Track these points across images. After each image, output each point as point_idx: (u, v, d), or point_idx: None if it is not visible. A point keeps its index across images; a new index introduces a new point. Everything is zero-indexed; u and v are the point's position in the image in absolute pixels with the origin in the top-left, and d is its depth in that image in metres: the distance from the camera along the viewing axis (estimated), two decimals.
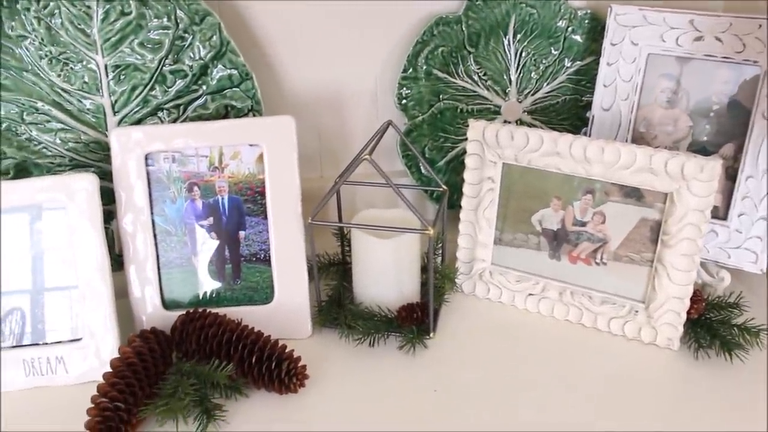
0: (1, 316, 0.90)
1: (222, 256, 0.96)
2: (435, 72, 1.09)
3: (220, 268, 0.96)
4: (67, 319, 0.90)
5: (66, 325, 0.90)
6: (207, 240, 0.95)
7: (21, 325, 0.90)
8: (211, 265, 0.96)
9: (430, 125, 1.12)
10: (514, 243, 1.01)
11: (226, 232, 0.96)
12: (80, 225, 0.89)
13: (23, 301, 0.90)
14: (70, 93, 0.99)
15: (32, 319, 0.90)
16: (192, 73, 0.99)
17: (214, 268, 0.96)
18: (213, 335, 0.87)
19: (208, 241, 0.95)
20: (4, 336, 0.90)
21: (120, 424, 0.79)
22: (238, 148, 0.93)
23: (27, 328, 0.90)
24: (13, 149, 1.00)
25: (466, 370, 0.90)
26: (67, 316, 0.90)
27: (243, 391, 0.87)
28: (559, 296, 0.99)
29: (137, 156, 0.92)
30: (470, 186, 1.01)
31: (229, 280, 0.97)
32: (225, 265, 0.96)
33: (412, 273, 0.98)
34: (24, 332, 0.90)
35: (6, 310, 0.90)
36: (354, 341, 0.95)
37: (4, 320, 0.90)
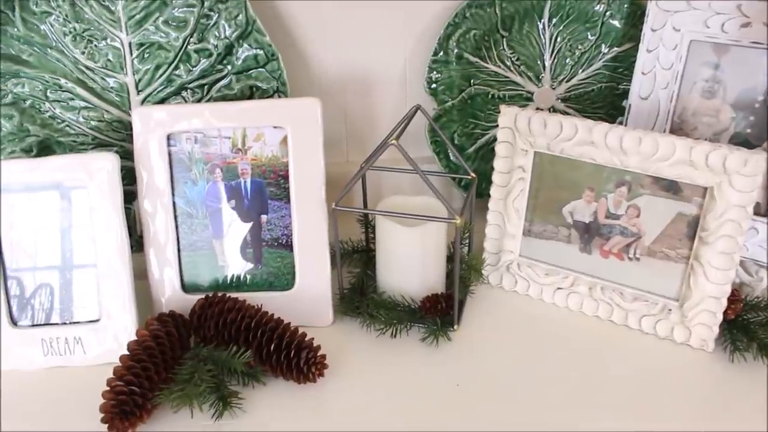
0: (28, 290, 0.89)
1: (243, 239, 0.94)
2: (466, 56, 1.05)
3: (241, 252, 0.95)
4: (93, 297, 0.90)
5: (93, 302, 0.90)
6: (233, 222, 0.94)
7: (50, 300, 0.90)
8: (232, 249, 0.95)
9: (460, 111, 1.09)
10: (543, 235, 0.98)
11: (248, 215, 0.93)
12: (100, 205, 0.87)
13: (53, 278, 0.90)
14: (94, 71, 0.97)
15: (61, 295, 0.90)
16: (217, 53, 0.97)
17: (235, 252, 0.95)
18: (232, 321, 0.86)
19: (234, 223, 0.94)
20: (35, 309, 0.90)
21: (134, 409, 0.77)
22: (262, 130, 0.91)
23: (56, 304, 0.90)
24: (37, 127, 0.99)
25: (490, 365, 0.88)
26: (94, 294, 0.90)
27: (260, 378, 0.85)
28: (589, 291, 0.96)
29: (159, 136, 0.90)
30: (500, 175, 0.98)
31: (250, 264, 0.95)
32: (246, 249, 0.94)
33: (437, 263, 0.95)
34: (53, 307, 0.90)
35: (36, 284, 0.90)
36: (375, 331, 0.92)
37: (35, 294, 0.90)
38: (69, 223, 0.89)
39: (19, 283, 0.89)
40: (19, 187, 0.88)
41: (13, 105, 0.98)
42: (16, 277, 0.89)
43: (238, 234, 0.94)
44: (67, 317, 0.90)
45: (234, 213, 0.93)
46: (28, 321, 0.90)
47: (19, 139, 0.99)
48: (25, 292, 0.90)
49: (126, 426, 0.77)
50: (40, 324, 0.90)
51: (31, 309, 0.90)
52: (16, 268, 0.89)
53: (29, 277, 0.90)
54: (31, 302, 0.90)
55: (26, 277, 0.89)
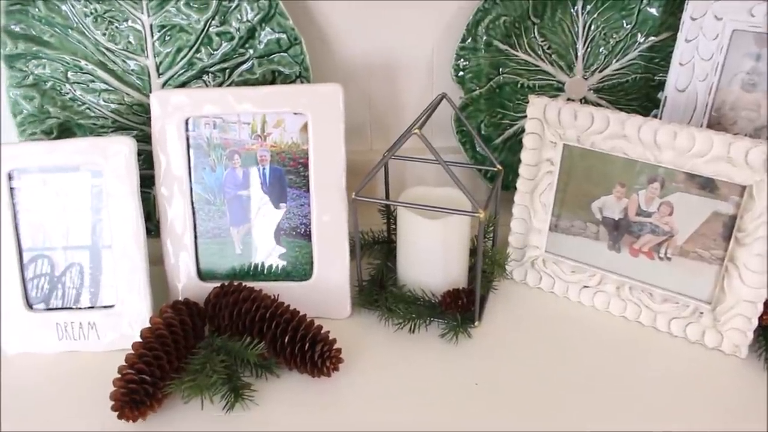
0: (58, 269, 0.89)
1: (261, 228, 0.92)
2: (495, 43, 1.02)
3: (258, 240, 0.93)
4: (74, 283, 0.89)
5: (73, 287, 0.90)
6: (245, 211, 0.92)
7: (80, 279, 0.89)
8: (250, 237, 0.93)
9: (487, 100, 1.05)
10: (570, 231, 0.95)
11: (266, 203, 0.91)
12: (116, 189, 0.86)
13: (83, 257, 0.89)
14: (115, 53, 0.96)
15: (90, 275, 0.89)
16: (239, 36, 0.95)
17: (251, 241, 0.93)
18: (247, 311, 0.84)
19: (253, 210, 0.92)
20: (66, 287, 0.89)
21: (145, 398, 0.76)
22: (282, 116, 0.88)
23: (86, 282, 0.89)
24: (57, 109, 0.98)
25: (510, 364, 0.85)
26: (75, 280, 0.89)
27: (274, 371, 0.83)
28: (617, 291, 0.92)
29: (177, 120, 0.88)
30: (527, 167, 0.94)
31: (267, 253, 0.93)
32: (264, 237, 0.92)
33: (459, 256, 0.92)
34: (83, 285, 0.89)
35: (67, 264, 0.89)
36: (394, 326, 0.90)
37: (65, 273, 0.89)
38: (99, 205, 0.88)
39: (49, 261, 0.89)
40: (37, 168, 0.87)
41: (34, 86, 0.97)
42: (47, 256, 0.89)
43: (259, 221, 0.92)
44: (94, 299, 0.89)
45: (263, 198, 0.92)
46: (58, 300, 0.89)
47: (39, 121, 0.99)
48: (55, 270, 0.89)
49: (136, 415, 0.76)
50: (55, 308, 0.89)
51: (62, 287, 0.89)
52: (47, 247, 0.89)
53: (59, 256, 0.89)
54: (62, 280, 0.89)
55: (57, 257, 0.89)
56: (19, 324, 0.89)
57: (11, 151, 0.87)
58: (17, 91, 0.97)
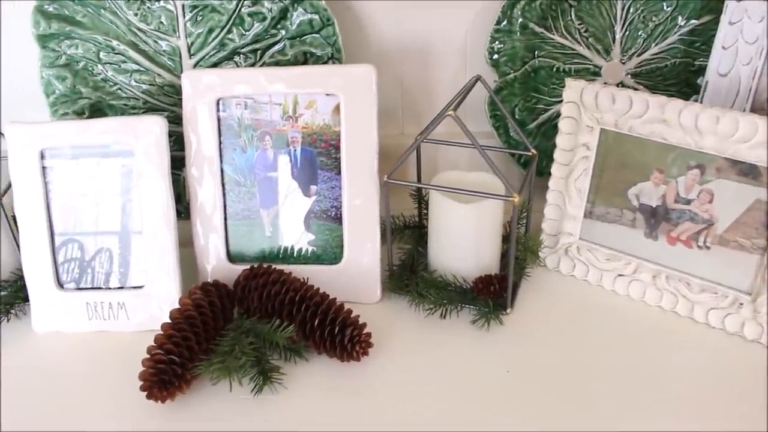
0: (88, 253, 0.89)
1: (291, 210, 0.91)
2: (531, 26, 0.99)
3: (288, 223, 0.92)
4: (105, 263, 0.89)
5: (103, 267, 0.90)
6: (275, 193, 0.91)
7: (109, 263, 0.89)
8: (280, 219, 0.92)
9: (522, 84, 1.03)
10: (606, 218, 0.92)
11: (296, 185, 0.90)
12: (146, 169, 0.85)
13: (112, 240, 0.89)
14: (147, 33, 0.95)
15: (120, 257, 0.89)
16: (271, 16, 0.94)
17: (281, 223, 0.92)
18: (276, 293, 0.83)
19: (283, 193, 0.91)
20: (95, 271, 0.89)
21: (173, 378, 0.76)
22: (314, 97, 0.87)
23: (114, 267, 0.89)
24: (89, 89, 0.98)
25: (542, 353, 0.83)
26: (105, 260, 0.89)
27: (303, 354, 0.83)
28: (653, 279, 0.90)
29: (209, 101, 0.88)
30: (562, 152, 0.92)
31: (297, 236, 0.92)
32: (294, 220, 0.91)
33: (492, 242, 0.90)
34: (112, 270, 0.89)
35: (97, 248, 0.89)
36: (424, 311, 0.89)
37: (95, 257, 0.89)
38: (130, 189, 0.88)
39: (80, 246, 0.89)
40: (69, 147, 0.87)
41: (66, 66, 0.97)
42: (77, 240, 0.89)
43: (289, 204, 0.91)
44: (123, 279, 0.89)
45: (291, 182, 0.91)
46: (88, 284, 0.89)
47: (71, 101, 0.99)
48: (85, 255, 0.89)
49: (165, 395, 0.75)
50: (85, 287, 0.89)
51: (91, 271, 0.89)
52: (78, 232, 0.89)
53: (90, 241, 0.89)
54: (92, 264, 0.89)
55: (87, 241, 0.89)
56: (50, 303, 0.89)
57: (43, 129, 0.87)
58: (50, 71, 0.97)
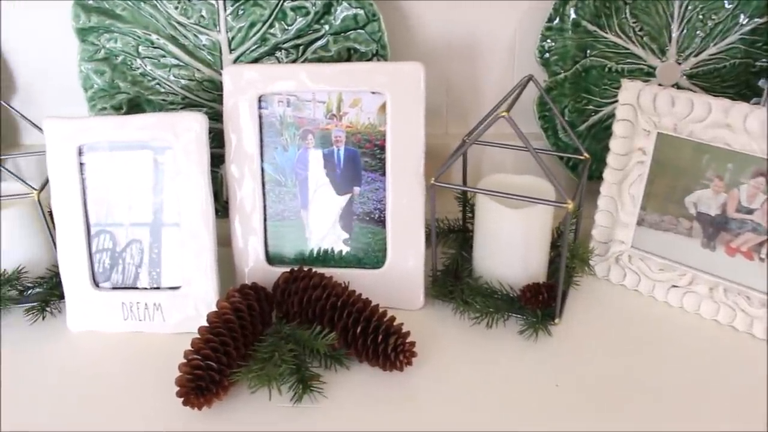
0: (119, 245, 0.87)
1: (333, 212, 0.88)
2: (584, 24, 0.95)
3: (330, 225, 0.89)
4: (177, 259, 0.87)
5: (136, 268, 0.88)
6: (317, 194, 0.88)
7: (140, 255, 0.87)
8: (320, 221, 0.89)
9: (572, 84, 0.99)
10: (660, 226, 0.88)
11: (339, 186, 0.88)
12: (185, 167, 0.83)
13: (143, 234, 0.87)
14: (187, 27, 0.93)
15: (149, 251, 0.87)
16: (314, 11, 0.91)
17: (323, 225, 0.89)
18: (317, 298, 0.80)
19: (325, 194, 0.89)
20: (126, 263, 0.88)
21: (211, 385, 0.73)
22: (359, 96, 0.84)
23: (145, 259, 0.87)
24: (127, 84, 0.96)
25: (592, 366, 0.79)
26: (177, 255, 0.87)
27: (344, 362, 0.80)
28: (710, 292, 0.86)
29: (250, 97, 0.85)
30: (616, 156, 0.88)
31: (338, 238, 0.89)
32: (335, 222, 0.89)
33: (540, 249, 0.87)
34: (142, 262, 0.87)
35: (128, 240, 0.87)
36: (470, 320, 0.85)
37: (126, 249, 0.87)
38: (162, 183, 0.86)
39: (111, 237, 0.87)
40: (106, 143, 0.85)
41: (105, 60, 0.95)
42: (109, 231, 0.87)
43: (328, 206, 0.88)
44: (154, 275, 0.87)
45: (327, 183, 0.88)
46: (119, 275, 0.88)
47: (109, 96, 0.97)
48: (117, 246, 0.87)
49: (201, 402, 0.73)
50: (121, 287, 0.87)
51: (122, 262, 0.87)
52: (110, 223, 0.87)
53: (122, 232, 0.87)
54: (122, 256, 0.87)
55: (119, 233, 0.87)
56: (86, 302, 0.88)
57: (81, 125, 0.85)
58: (88, 65, 0.95)
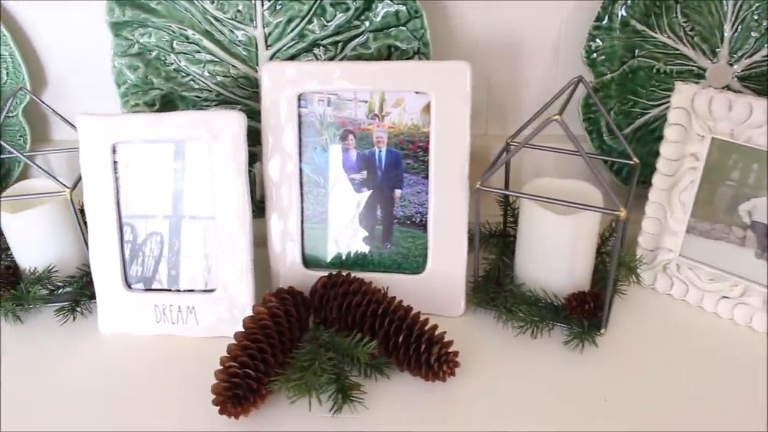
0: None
1: (373, 215, 0.86)
2: (633, 23, 0.92)
3: (369, 228, 0.86)
4: (200, 249, 0.85)
5: (200, 253, 0.85)
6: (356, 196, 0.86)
7: (159, 248, 0.85)
8: (360, 224, 0.86)
9: (619, 85, 0.96)
10: (711, 234, 0.85)
11: (380, 189, 0.85)
12: (222, 167, 0.81)
13: (163, 227, 0.85)
14: (223, 22, 0.91)
15: (169, 244, 0.85)
16: (355, 7, 0.88)
17: (362, 228, 0.86)
18: (357, 304, 0.78)
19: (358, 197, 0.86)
20: (145, 255, 0.86)
21: (248, 393, 0.71)
22: (403, 95, 0.81)
23: (164, 252, 0.85)
24: (161, 80, 0.94)
25: (639, 379, 0.76)
26: (201, 246, 0.85)
27: (384, 371, 0.77)
28: (763, 304, 0.82)
29: (289, 96, 0.82)
30: (667, 162, 0.85)
31: (377, 242, 0.86)
32: (375, 225, 0.86)
33: (586, 256, 0.84)
34: (162, 254, 0.85)
35: (148, 233, 0.85)
36: (514, 328, 0.82)
37: (146, 242, 0.86)
38: (182, 177, 0.84)
39: (132, 229, 0.86)
40: (141, 141, 0.83)
41: (138, 56, 0.93)
42: (130, 224, 0.86)
43: (366, 208, 0.86)
44: (173, 269, 0.85)
45: (364, 186, 0.85)
46: (138, 267, 0.86)
47: (143, 91, 0.95)
48: (137, 238, 0.86)
49: (238, 411, 0.71)
50: (154, 289, 0.85)
51: (142, 255, 0.86)
52: (131, 215, 0.85)
53: (142, 224, 0.85)
54: (142, 248, 0.86)
55: (139, 225, 0.85)
56: (117, 303, 0.86)
57: (115, 122, 0.83)
58: (122, 61, 0.93)
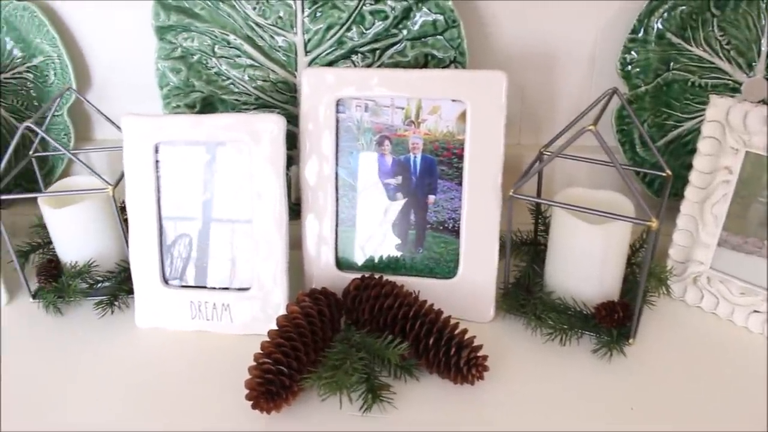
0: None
1: (406, 220, 0.87)
2: (669, 36, 0.92)
3: (402, 233, 0.88)
4: (235, 248, 0.87)
5: (235, 252, 0.87)
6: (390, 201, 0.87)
7: (188, 250, 0.87)
8: (393, 228, 0.88)
9: (653, 98, 0.96)
10: (743, 248, 0.85)
11: (414, 194, 0.86)
12: (261, 169, 0.83)
13: (192, 229, 0.87)
14: (264, 28, 0.93)
15: (198, 246, 0.87)
16: (393, 16, 0.90)
17: (395, 233, 0.88)
18: (389, 307, 0.79)
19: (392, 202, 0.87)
20: (173, 258, 0.88)
21: (281, 390, 0.73)
22: (439, 103, 0.83)
23: (193, 254, 0.87)
24: (202, 83, 0.97)
25: (667, 390, 0.77)
26: (236, 245, 0.87)
27: (414, 373, 0.78)
28: None
29: (328, 101, 0.84)
30: (700, 174, 0.85)
31: (410, 247, 0.88)
32: (408, 230, 0.87)
33: (617, 266, 0.84)
34: (190, 256, 0.88)
35: (177, 234, 0.87)
36: (542, 335, 0.83)
37: (175, 243, 0.88)
38: (213, 179, 0.86)
39: (172, 227, 0.88)
40: (182, 142, 0.85)
41: (181, 59, 0.96)
42: (169, 220, 0.88)
43: (401, 213, 0.87)
44: (201, 271, 0.88)
45: (399, 191, 0.86)
46: (167, 268, 0.88)
47: (184, 94, 0.97)
48: (166, 240, 0.88)
49: (271, 407, 0.72)
50: (190, 286, 0.87)
51: (170, 256, 0.88)
52: (169, 216, 0.88)
53: (171, 226, 0.87)
54: (171, 250, 0.88)
55: (169, 227, 0.88)
56: (154, 299, 0.88)
57: (159, 123, 0.85)
58: (165, 63, 0.96)
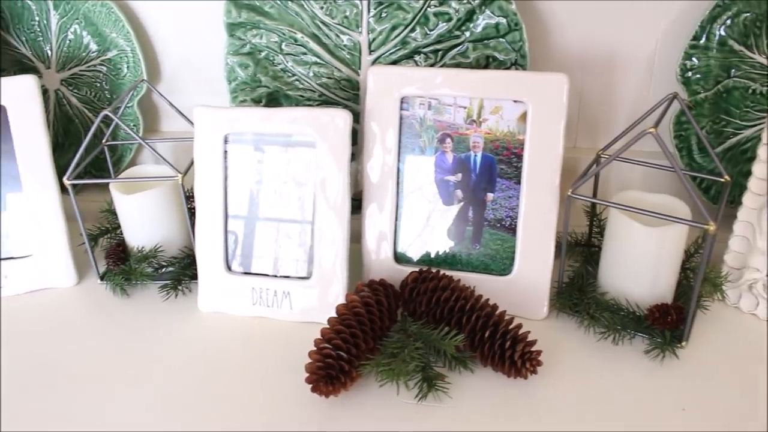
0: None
1: (464, 216, 0.89)
2: (731, 43, 0.93)
3: (459, 229, 0.90)
4: (271, 251, 0.90)
5: (270, 256, 0.90)
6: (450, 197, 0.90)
7: (233, 248, 0.91)
8: (451, 224, 0.90)
9: (712, 104, 0.97)
10: None
11: (472, 191, 0.88)
12: (327, 161, 0.85)
13: (238, 227, 0.91)
14: (330, 27, 0.96)
15: (243, 244, 0.91)
16: (457, 18, 0.92)
17: (453, 228, 0.90)
18: (445, 300, 0.81)
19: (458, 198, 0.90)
20: (236, 245, 0.91)
21: (340, 374, 0.75)
22: (501, 103, 0.85)
23: (237, 251, 0.91)
24: (269, 78, 1.00)
25: (719, 394, 0.77)
26: (272, 248, 0.90)
27: (468, 365, 0.80)
28: None
29: (393, 98, 0.87)
30: (759, 182, 0.86)
31: (467, 243, 0.90)
32: (466, 226, 0.89)
33: (671, 269, 0.85)
34: (234, 255, 0.91)
35: (240, 224, 0.91)
36: (595, 334, 0.84)
37: (238, 232, 0.91)
38: (305, 176, 0.89)
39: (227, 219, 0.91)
40: (251, 134, 0.89)
41: (249, 55, 0.99)
42: (236, 215, 0.91)
43: (459, 210, 0.89)
44: (246, 264, 0.91)
45: (458, 188, 0.89)
46: (230, 255, 0.91)
47: (251, 88, 1.01)
48: (229, 227, 0.91)
49: (329, 390, 0.75)
50: (252, 273, 0.91)
51: (234, 244, 0.91)
52: (234, 214, 0.91)
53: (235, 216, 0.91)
54: (235, 238, 0.91)
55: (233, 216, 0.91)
56: (217, 284, 0.91)
57: (229, 115, 0.89)
58: (234, 59, 1.00)
